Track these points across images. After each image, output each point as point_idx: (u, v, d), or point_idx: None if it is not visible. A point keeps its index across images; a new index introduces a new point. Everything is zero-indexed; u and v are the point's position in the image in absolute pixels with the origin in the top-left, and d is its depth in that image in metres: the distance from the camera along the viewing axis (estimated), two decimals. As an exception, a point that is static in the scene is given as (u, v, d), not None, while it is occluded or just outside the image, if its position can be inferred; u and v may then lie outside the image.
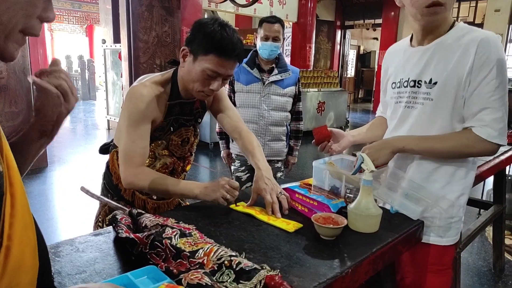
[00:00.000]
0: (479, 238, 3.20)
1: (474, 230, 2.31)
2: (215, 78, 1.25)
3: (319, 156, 1.33)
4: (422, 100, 1.28)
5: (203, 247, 0.92)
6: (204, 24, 1.24)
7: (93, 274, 0.88)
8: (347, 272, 0.92)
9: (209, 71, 1.22)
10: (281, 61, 2.45)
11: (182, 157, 1.49)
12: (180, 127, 1.43)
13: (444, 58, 1.23)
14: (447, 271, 1.38)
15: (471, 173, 1.33)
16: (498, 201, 2.67)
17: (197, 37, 1.23)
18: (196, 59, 1.24)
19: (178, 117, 1.40)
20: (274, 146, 2.50)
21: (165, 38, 5.85)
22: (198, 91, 1.29)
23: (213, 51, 1.20)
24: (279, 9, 8.33)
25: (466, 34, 1.20)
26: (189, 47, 1.26)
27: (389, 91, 1.43)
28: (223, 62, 1.22)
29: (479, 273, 2.71)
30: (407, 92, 1.32)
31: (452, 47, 1.22)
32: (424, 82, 1.27)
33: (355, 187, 1.27)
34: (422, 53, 1.28)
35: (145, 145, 1.31)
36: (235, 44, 1.22)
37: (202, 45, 1.22)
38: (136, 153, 1.28)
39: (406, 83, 1.32)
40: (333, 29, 12.01)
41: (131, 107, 1.29)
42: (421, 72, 1.28)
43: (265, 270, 0.84)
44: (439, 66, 1.23)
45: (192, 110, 1.45)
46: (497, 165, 2.23)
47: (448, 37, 1.24)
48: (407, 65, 1.33)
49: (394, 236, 1.11)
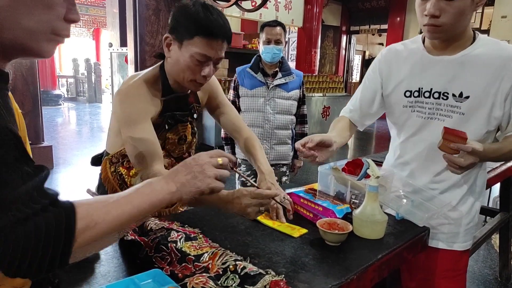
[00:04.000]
0: (485, 246, 3.17)
1: (480, 237, 2.29)
2: (205, 63, 1.16)
3: (324, 161, 1.29)
4: (449, 113, 1.25)
5: (208, 251, 0.93)
6: (184, 6, 1.15)
7: (99, 277, 0.88)
8: (352, 278, 0.92)
9: (198, 55, 1.13)
10: (285, 64, 2.46)
11: (180, 157, 1.40)
12: (176, 123, 1.34)
13: (476, 72, 1.20)
14: (462, 276, 1.39)
15: (482, 177, 1.34)
16: (505, 208, 2.64)
17: (179, 22, 1.15)
18: (181, 46, 1.15)
19: (174, 113, 1.32)
20: (280, 150, 2.50)
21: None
22: (189, 81, 1.20)
23: (199, 33, 1.12)
24: (285, 14, 8.35)
25: (496, 48, 1.19)
26: (173, 35, 1.18)
27: (397, 97, 1.37)
28: (211, 43, 1.13)
29: (485, 281, 2.68)
30: (429, 103, 1.28)
31: (482, 60, 1.20)
32: (453, 95, 1.24)
33: (360, 192, 1.27)
34: (448, 64, 1.24)
35: (153, 141, 1.21)
36: (221, 24, 1.14)
37: (186, 29, 1.13)
38: (148, 153, 1.19)
39: (428, 93, 1.28)
40: (338, 34, 12.02)
41: (126, 108, 1.20)
42: (448, 84, 1.24)
43: (270, 275, 0.83)
44: (470, 80, 1.21)
45: (187, 104, 1.37)
46: (504, 172, 2.21)
47: (474, 49, 1.21)
48: (427, 75, 1.28)
49: (399, 243, 1.11)
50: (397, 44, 1.40)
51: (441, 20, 1.14)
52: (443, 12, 1.12)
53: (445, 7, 1.12)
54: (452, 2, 1.10)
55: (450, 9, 1.12)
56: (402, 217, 1.25)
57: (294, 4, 8.48)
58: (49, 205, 0.58)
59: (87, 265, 0.93)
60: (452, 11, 1.12)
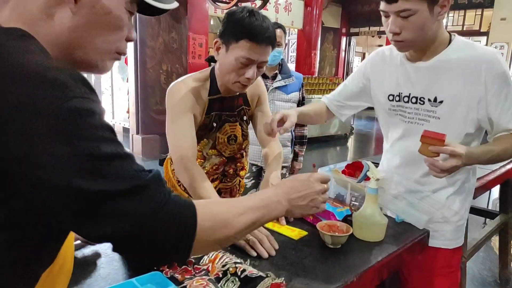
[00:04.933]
0: (485, 248, 3.16)
1: (480, 239, 2.29)
2: (249, 66, 1.22)
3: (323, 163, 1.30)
4: (427, 118, 1.28)
5: (208, 253, 0.93)
6: (232, 13, 1.23)
7: (99, 279, 0.88)
8: (353, 280, 0.92)
9: (242, 58, 1.20)
10: (284, 67, 2.46)
11: (232, 157, 1.46)
12: (224, 123, 1.39)
13: (449, 77, 1.22)
14: (456, 272, 1.42)
15: (472, 178, 1.37)
16: (504, 210, 2.64)
17: (227, 27, 1.22)
18: (228, 49, 1.22)
19: (220, 113, 1.38)
20: (279, 153, 2.50)
21: (171, 44, 5.89)
22: (234, 82, 1.26)
23: (244, 37, 1.18)
24: (285, 16, 8.36)
25: (469, 51, 1.20)
26: (221, 39, 1.25)
27: (381, 99, 1.40)
28: (254, 47, 1.19)
29: (485, 283, 2.68)
30: (409, 107, 1.31)
31: (456, 65, 1.21)
32: (428, 100, 1.26)
33: (360, 195, 1.27)
34: (424, 70, 1.27)
35: (190, 135, 1.28)
36: (265, 28, 1.19)
37: (232, 33, 1.20)
38: (184, 146, 1.25)
39: (407, 98, 1.31)
40: (338, 36, 12.04)
41: (170, 103, 1.29)
42: (424, 89, 1.27)
43: (270, 278, 0.84)
44: (444, 85, 1.23)
45: (233, 106, 1.42)
46: (503, 174, 2.22)
47: (449, 54, 1.23)
48: (406, 81, 1.31)
49: (399, 245, 1.11)
50: (386, 48, 1.42)
51: (402, 36, 1.17)
52: (403, 28, 1.15)
53: (404, 24, 1.14)
54: (409, 19, 1.13)
55: (409, 25, 1.14)
56: (402, 220, 1.25)
57: (294, 6, 8.49)
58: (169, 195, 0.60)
59: (87, 267, 0.93)
60: (412, 27, 1.14)
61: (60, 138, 0.48)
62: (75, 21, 0.60)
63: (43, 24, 0.58)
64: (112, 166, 0.53)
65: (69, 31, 0.60)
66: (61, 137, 0.48)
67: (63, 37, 0.60)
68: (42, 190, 0.49)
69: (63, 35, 0.60)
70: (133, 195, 0.54)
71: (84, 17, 0.60)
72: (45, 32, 0.58)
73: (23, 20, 0.57)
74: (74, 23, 0.60)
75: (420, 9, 1.10)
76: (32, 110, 0.47)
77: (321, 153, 7.15)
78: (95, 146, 0.51)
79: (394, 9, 1.13)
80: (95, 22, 0.61)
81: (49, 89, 0.48)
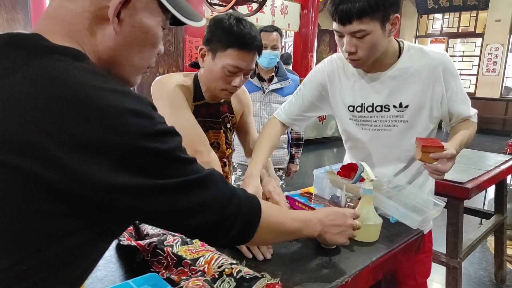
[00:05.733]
0: (481, 248, 3.18)
1: (475, 240, 2.31)
2: (236, 74, 1.23)
3: (320, 165, 1.32)
4: (394, 123, 1.33)
5: (204, 255, 0.93)
6: (219, 20, 1.22)
7: (95, 281, 0.89)
8: (347, 281, 0.93)
9: (230, 66, 1.20)
10: (281, 70, 2.48)
11: None
12: (207, 130, 1.38)
13: (409, 83, 1.29)
14: (430, 257, 1.53)
15: None
16: (499, 211, 2.66)
17: (214, 34, 1.21)
18: (215, 57, 1.22)
19: (205, 119, 1.37)
20: (275, 154, 2.51)
21: (168, 47, 5.89)
22: (220, 90, 1.26)
23: (231, 45, 1.18)
24: (281, 19, 8.39)
25: (421, 58, 1.28)
26: (207, 46, 1.24)
27: (341, 110, 1.41)
28: (242, 55, 1.20)
29: (481, 283, 2.70)
30: (374, 116, 1.34)
31: (412, 71, 1.28)
32: (393, 106, 1.32)
33: (355, 196, 1.28)
34: (385, 79, 1.30)
35: (197, 123, 1.27)
36: (253, 36, 1.20)
37: (219, 41, 1.20)
38: (198, 135, 1.23)
39: (371, 108, 1.34)
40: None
41: (168, 92, 1.25)
42: (387, 97, 1.31)
43: (266, 278, 0.84)
44: (407, 91, 1.29)
45: (218, 112, 1.42)
46: (497, 175, 2.24)
47: (405, 62, 1.28)
48: (367, 91, 1.33)
49: (394, 246, 1.12)
50: (338, 57, 1.42)
51: (358, 55, 1.20)
52: (358, 47, 1.18)
53: (359, 43, 1.17)
54: (364, 39, 1.16)
55: (363, 44, 1.17)
56: (396, 220, 1.26)
57: (290, 8, 8.52)
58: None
59: (84, 269, 0.94)
60: (366, 46, 1.17)
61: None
62: (117, 40, 0.62)
63: (87, 41, 0.61)
64: (188, 166, 0.61)
65: (110, 50, 0.62)
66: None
67: (105, 55, 0.62)
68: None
69: (105, 53, 0.62)
70: (206, 184, 0.62)
71: (125, 36, 0.62)
72: (89, 50, 0.61)
73: (72, 37, 0.59)
74: (116, 42, 0.62)
75: (374, 29, 1.14)
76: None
77: (318, 155, 7.17)
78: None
79: (349, 30, 1.16)
80: (134, 40, 0.63)
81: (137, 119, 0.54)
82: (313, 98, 1.46)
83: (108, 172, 0.51)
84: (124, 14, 0.61)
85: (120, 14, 0.60)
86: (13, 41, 0.56)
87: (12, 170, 0.49)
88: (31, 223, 0.51)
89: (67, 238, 0.53)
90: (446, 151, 1.14)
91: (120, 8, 0.60)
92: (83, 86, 0.52)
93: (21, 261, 0.51)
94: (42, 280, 0.53)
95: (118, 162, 0.52)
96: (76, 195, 0.52)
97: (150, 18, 0.64)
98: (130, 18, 0.62)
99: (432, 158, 1.15)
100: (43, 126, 0.49)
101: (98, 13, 0.60)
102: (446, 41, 10.95)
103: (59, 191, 0.51)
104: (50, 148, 0.49)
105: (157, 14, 0.65)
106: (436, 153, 1.14)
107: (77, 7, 0.59)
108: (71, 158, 0.50)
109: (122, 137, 0.52)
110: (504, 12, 9.44)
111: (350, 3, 1.11)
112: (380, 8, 1.11)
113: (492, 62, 9.87)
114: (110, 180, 0.52)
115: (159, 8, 0.65)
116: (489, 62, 9.93)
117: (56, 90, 0.51)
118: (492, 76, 9.90)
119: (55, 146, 0.49)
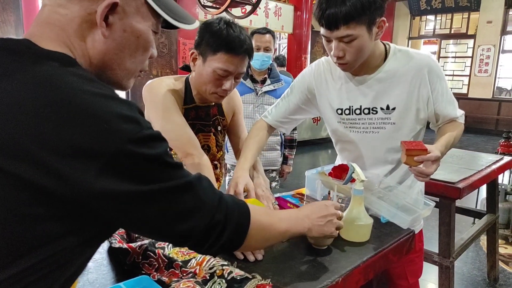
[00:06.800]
0: (474, 248, 3.21)
1: (468, 239, 2.32)
2: (226, 77, 1.24)
3: (314, 166, 1.32)
4: (382, 125, 1.35)
5: (196, 256, 0.94)
6: (209, 24, 1.23)
7: (86, 284, 0.89)
8: (338, 281, 0.93)
9: (220, 70, 1.21)
10: (273, 71, 2.48)
11: None
12: (198, 132, 1.39)
13: (395, 85, 1.30)
14: (421, 257, 1.53)
15: None
16: (491, 210, 2.69)
17: (204, 38, 1.22)
18: (205, 60, 1.23)
19: (194, 122, 1.38)
20: (268, 156, 2.52)
21: (161, 49, 5.90)
22: (211, 93, 1.27)
23: (221, 49, 1.19)
24: (275, 20, 8.41)
25: (410, 59, 1.29)
26: (198, 50, 1.25)
27: (329, 113, 1.42)
28: (232, 59, 1.21)
29: (474, 282, 2.71)
30: (362, 119, 1.36)
31: (398, 74, 1.30)
32: (381, 109, 1.33)
33: (346, 196, 1.29)
34: (372, 82, 1.32)
35: (188, 126, 1.28)
36: (242, 40, 1.21)
37: (209, 45, 1.21)
38: (189, 139, 1.25)
39: (358, 110, 1.35)
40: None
41: (159, 96, 1.26)
42: (374, 100, 1.33)
43: (256, 279, 0.85)
44: (394, 93, 1.31)
45: (208, 115, 1.42)
46: (489, 174, 2.26)
47: (391, 64, 1.30)
48: (354, 94, 1.35)
49: (384, 246, 1.13)
50: (325, 60, 1.43)
51: (346, 59, 1.22)
52: (346, 52, 1.20)
53: (346, 47, 1.19)
54: (351, 43, 1.18)
55: (351, 49, 1.19)
56: (387, 220, 1.27)
57: (284, 10, 8.55)
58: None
59: (75, 272, 0.94)
60: (353, 50, 1.19)
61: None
62: (107, 44, 0.62)
63: (78, 46, 0.61)
64: (175, 171, 0.61)
65: (101, 54, 0.62)
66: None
67: (96, 60, 0.63)
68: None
69: (96, 57, 0.62)
70: (194, 188, 0.63)
71: (115, 41, 0.62)
72: (80, 55, 0.61)
73: (63, 42, 0.60)
74: (106, 46, 0.62)
75: (361, 34, 1.16)
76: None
77: (312, 156, 7.18)
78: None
79: (336, 35, 1.17)
80: (125, 45, 0.64)
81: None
82: (300, 101, 1.47)
83: (96, 177, 0.52)
84: (114, 18, 0.61)
85: (109, 19, 0.61)
86: (3, 47, 0.57)
87: (3, 174, 0.49)
88: (20, 227, 0.51)
89: (56, 242, 0.53)
90: (430, 154, 1.15)
91: (108, 12, 0.60)
92: (71, 91, 0.52)
93: (10, 265, 0.51)
94: (31, 283, 0.53)
95: (106, 167, 0.52)
96: (65, 200, 0.52)
97: (141, 22, 0.64)
98: (120, 22, 0.62)
99: (416, 161, 1.16)
100: (33, 131, 0.50)
101: (87, 18, 0.60)
102: (439, 42, 11.04)
103: (49, 196, 0.51)
104: (40, 153, 0.49)
105: (148, 18, 0.65)
106: (420, 156, 1.15)
107: (68, 13, 0.60)
108: (60, 162, 0.50)
109: (110, 142, 0.52)
110: (496, 13, 9.53)
111: (336, 8, 1.12)
112: (366, 12, 1.13)
113: (484, 63, 9.96)
114: (99, 185, 0.52)
115: (149, 12, 0.65)
116: (481, 63, 10.01)
117: (45, 95, 0.51)
118: (484, 77, 9.99)
119: (44, 151, 0.49)
